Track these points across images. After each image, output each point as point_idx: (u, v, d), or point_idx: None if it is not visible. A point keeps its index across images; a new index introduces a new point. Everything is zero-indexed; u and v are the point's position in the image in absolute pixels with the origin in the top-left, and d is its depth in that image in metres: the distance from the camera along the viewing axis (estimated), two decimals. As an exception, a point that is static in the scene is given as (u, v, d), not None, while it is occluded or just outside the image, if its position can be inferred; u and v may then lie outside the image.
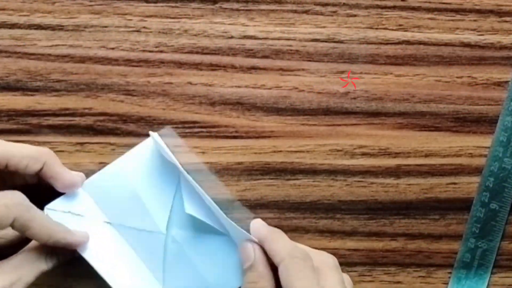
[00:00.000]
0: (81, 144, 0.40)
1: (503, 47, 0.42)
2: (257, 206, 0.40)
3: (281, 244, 0.36)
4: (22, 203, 0.33)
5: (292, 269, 0.34)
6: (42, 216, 0.34)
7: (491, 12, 0.42)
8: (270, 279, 0.35)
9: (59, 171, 0.37)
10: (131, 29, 0.41)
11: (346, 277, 0.37)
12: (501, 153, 0.41)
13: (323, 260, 0.36)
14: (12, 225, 0.33)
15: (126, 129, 0.40)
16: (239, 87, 0.41)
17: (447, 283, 0.41)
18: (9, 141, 0.36)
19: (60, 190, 0.37)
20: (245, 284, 0.36)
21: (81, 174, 0.38)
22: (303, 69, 0.41)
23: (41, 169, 0.36)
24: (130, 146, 0.40)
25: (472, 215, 0.41)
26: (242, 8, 0.41)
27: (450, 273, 0.41)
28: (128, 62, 0.41)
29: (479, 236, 0.41)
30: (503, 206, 0.41)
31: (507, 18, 0.42)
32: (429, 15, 0.41)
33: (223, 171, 0.41)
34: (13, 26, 0.40)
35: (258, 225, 0.38)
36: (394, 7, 0.41)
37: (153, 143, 0.39)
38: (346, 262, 0.41)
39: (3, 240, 0.37)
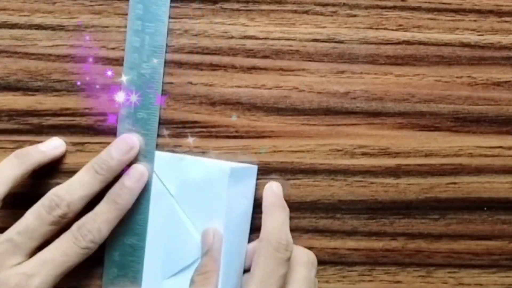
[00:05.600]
0: (82, 144, 0.40)
1: (503, 47, 0.42)
2: (257, 206, 0.40)
3: (268, 223, 0.37)
4: None
5: (260, 254, 0.36)
6: None
7: (491, 12, 0.42)
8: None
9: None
10: (131, 29, 0.41)
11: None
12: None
13: (296, 255, 0.38)
14: None
15: (126, 129, 0.41)
16: (239, 87, 0.41)
17: (447, 283, 0.41)
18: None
19: None
20: (198, 267, 0.37)
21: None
22: (303, 69, 0.41)
23: None
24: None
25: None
26: (243, 8, 0.41)
27: (450, 272, 0.41)
28: (128, 62, 0.41)
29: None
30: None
31: (507, 18, 0.42)
32: (429, 15, 0.42)
33: (224, 171, 0.41)
34: (13, 26, 0.40)
35: (268, 192, 0.40)
36: (394, 7, 0.41)
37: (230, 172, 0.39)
38: (346, 262, 0.41)
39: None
